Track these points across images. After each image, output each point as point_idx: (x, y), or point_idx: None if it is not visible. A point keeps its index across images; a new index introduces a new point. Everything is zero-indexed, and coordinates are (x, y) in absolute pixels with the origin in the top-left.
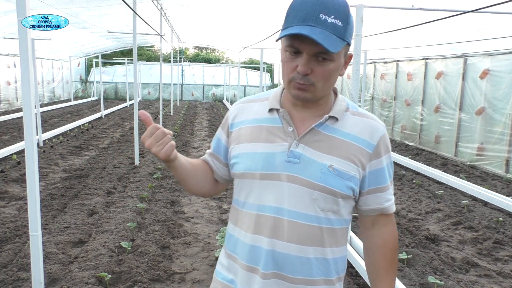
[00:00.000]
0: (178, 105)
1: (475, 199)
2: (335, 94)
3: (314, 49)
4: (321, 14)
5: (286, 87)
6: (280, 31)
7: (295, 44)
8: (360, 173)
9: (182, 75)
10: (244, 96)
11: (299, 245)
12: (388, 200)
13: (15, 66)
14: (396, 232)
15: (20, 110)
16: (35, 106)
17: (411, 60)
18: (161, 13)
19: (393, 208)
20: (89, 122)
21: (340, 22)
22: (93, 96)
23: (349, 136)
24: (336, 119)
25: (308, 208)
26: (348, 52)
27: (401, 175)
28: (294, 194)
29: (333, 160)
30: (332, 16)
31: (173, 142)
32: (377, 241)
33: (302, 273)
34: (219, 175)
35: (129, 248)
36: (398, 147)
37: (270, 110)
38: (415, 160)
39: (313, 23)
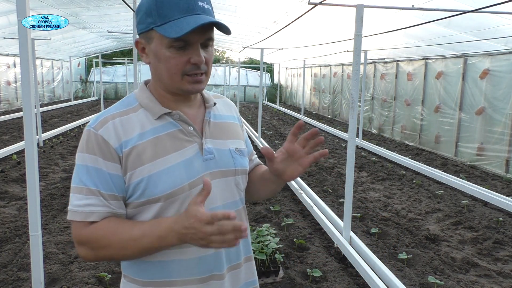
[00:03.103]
0: None
1: (475, 199)
2: None
3: (204, 37)
4: (199, 2)
5: (176, 84)
6: (156, 26)
7: (184, 37)
8: (244, 145)
9: None
10: (244, 96)
11: None
12: (256, 155)
13: (15, 66)
14: None
15: (20, 110)
16: (35, 106)
17: (411, 60)
18: None
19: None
20: None
21: (209, 6)
22: (93, 96)
23: (226, 117)
24: (215, 104)
25: (234, 195)
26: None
27: (401, 175)
28: (220, 188)
29: (232, 143)
30: (205, 2)
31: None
32: (260, 172)
33: (244, 251)
34: (122, 215)
35: None
36: (398, 147)
37: (160, 116)
38: (415, 160)
39: (199, 11)
